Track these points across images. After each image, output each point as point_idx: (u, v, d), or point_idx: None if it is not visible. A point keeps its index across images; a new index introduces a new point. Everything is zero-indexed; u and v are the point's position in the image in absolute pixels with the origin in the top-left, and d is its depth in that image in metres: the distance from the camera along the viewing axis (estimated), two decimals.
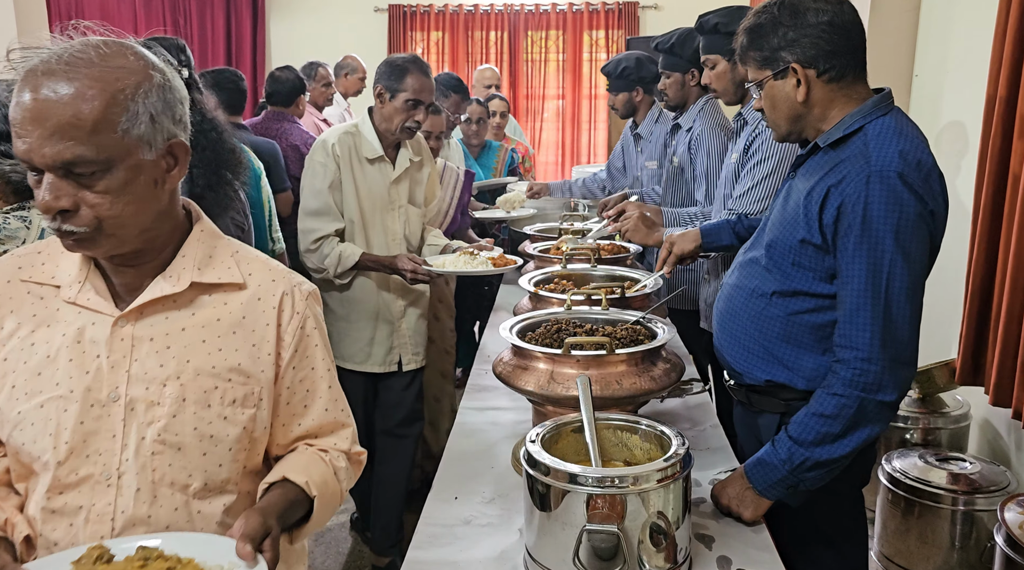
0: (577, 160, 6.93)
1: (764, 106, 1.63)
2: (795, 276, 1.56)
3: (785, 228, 1.57)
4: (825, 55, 1.53)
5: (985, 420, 3.16)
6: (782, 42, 1.54)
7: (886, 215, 1.41)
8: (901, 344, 1.44)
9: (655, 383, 1.60)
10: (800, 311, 1.57)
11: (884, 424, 1.49)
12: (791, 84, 1.56)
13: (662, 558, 1.25)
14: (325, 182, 2.58)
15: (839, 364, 1.48)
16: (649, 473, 1.23)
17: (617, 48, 6.62)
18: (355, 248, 2.62)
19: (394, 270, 2.62)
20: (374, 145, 2.63)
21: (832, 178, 1.49)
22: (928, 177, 1.45)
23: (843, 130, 1.53)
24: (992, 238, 2.82)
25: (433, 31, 6.96)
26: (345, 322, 2.72)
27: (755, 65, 1.60)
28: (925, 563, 2.78)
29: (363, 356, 2.74)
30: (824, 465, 1.47)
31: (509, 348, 1.72)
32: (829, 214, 1.47)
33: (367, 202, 2.66)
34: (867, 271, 1.43)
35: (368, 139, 2.63)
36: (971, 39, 3.28)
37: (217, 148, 1.95)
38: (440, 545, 1.44)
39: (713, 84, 2.55)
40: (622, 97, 3.50)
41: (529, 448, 1.31)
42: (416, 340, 2.81)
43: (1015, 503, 2.37)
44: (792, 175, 1.66)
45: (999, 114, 2.75)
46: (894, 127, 1.51)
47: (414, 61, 2.59)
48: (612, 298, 2.08)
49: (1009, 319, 2.66)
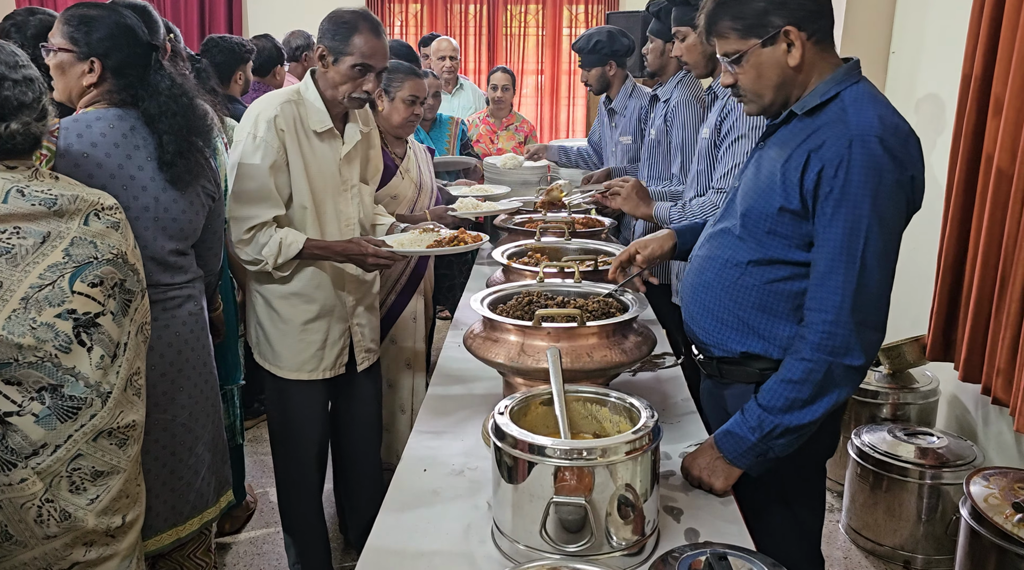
0: (556, 135, 6.89)
1: (746, 78, 1.55)
2: (770, 244, 1.55)
3: (760, 196, 1.55)
4: (813, 14, 1.49)
5: (953, 396, 3.21)
6: (769, 5, 1.48)
7: (865, 179, 1.41)
8: (870, 308, 1.45)
9: (626, 356, 1.59)
10: (776, 279, 1.56)
11: (852, 388, 1.50)
12: (781, 50, 1.50)
13: (629, 530, 1.25)
14: (266, 161, 2.13)
15: (807, 328, 1.48)
16: (617, 445, 1.22)
17: (597, 22, 6.56)
18: (298, 234, 2.19)
19: (347, 257, 2.22)
20: (322, 116, 2.21)
21: (811, 143, 1.47)
22: (906, 141, 1.45)
23: (820, 97, 1.51)
24: (965, 216, 2.84)
25: (411, 3, 6.85)
26: (291, 325, 2.30)
27: (735, 35, 1.52)
28: (892, 536, 2.82)
29: (315, 362, 2.34)
30: (793, 431, 1.48)
31: (480, 320, 1.71)
32: (810, 179, 1.46)
33: (317, 183, 2.24)
34: (843, 234, 1.43)
35: (316, 108, 2.21)
36: (948, 17, 3.28)
37: (187, 114, 1.90)
38: (408, 516, 1.43)
39: (684, 57, 2.55)
40: (595, 72, 3.45)
41: (498, 420, 1.30)
42: (371, 335, 2.48)
43: (980, 477, 2.41)
44: (762, 145, 1.64)
45: (974, 92, 2.75)
46: (870, 93, 1.50)
47: (364, 17, 2.16)
48: (585, 271, 2.06)
49: (980, 296, 2.69)
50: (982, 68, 2.71)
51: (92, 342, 1.48)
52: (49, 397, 1.44)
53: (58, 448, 1.44)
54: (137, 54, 1.86)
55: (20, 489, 1.41)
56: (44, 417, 1.43)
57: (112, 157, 1.81)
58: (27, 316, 1.40)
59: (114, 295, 1.53)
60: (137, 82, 1.87)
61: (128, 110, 1.87)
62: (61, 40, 1.82)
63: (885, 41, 3.80)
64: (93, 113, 1.83)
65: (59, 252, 1.45)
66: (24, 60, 1.48)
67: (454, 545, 1.35)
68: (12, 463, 1.40)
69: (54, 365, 1.43)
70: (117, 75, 1.85)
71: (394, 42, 3.36)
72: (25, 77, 1.46)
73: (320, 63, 2.19)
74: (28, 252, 1.42)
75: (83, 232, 1.49)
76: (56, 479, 1.45)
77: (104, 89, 1.86)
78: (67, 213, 1.47)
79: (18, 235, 1.41)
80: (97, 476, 1.51)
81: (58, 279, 1.44)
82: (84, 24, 1.81)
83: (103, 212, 1.53)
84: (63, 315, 1.44)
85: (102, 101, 1.86)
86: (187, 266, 2.01)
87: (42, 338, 1.41)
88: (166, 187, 1.89)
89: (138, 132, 1.87)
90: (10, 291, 1.39)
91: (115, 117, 1.84)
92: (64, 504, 1.46)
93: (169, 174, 1.89)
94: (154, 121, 1.87)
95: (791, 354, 1.50)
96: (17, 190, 1.42)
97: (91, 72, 1.83)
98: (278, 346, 2.33)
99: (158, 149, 1.87)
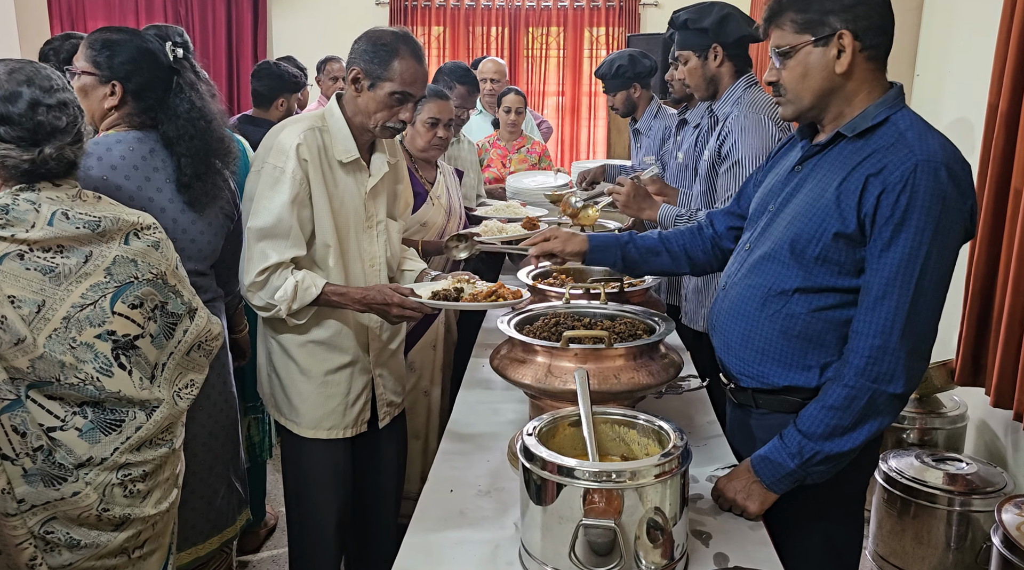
0: (577, 156, 6.92)
1: (791, 75, 1.50)
2: (819, 271, 1.50)
3: (811, 222, 1.49)
4: (875, 29, 1.45)
5: (982, 421, 3.16)
6: (835, 6, 1.44)
7: (930, 205, 1.37)
8: (920, 337, 1.42)
9: (653, 378, 1.58)
10: (823, 307, 1.50)
11: (893, 417, 1.46)
12: (831, 54, 1.46)
13: (659, 554, 1.24)
14: (289, 194, 1.90)
15: (851, 353, 1.44)
16: (647, 468, 1.21)
17: (618, 45, 6.60)
18: (316, 277, 1.96)
19: (367, 306, 1.97)
20: (348, 145, 1.99)
21: (869, 167, 1.43)
22: (967, 170, 1.42)
23: (871, 120, 1.47)
24: (994, 239, 2.81)
25: (434, 26, 6.94)
26: (311, 376, 2.07)
27: (792, 28, 1.47)
28: (920, 564, 2.77)
29: (336, 418, 2.10)
30: (833, 459, 1.45)
31: (507, 341, 1.71)
32: (868, 203, 1.41)
33: (340, 218, 2.01)
34: (902, 259, 1.39)
35: (342, 136, 1.99)
36: (973, 38, 3.27)
37: (206, 137, 1.93)
38: (435, 537, 1.42)
39: (687, 79, 2.56)
40: (620, 96, 3.47)
41: (526, 441, 1.30)
42: (394, 387, 2.24)
43: (1012, 504, 2.36)
44: (799, 169, 1.59)
45: (1002, 115, 2.73)
46: (922, 119, 1.46)
47: (405, 40, 1.95)
48: (611, 293, 2.06)
49: (1011, 320, 2.65)
50: (1010, 90, 2.69)
51: (131, 365, 1.50)
52: (91, 411, 1.46)
53: (104, 460, 1.46)
54: (158, 78, 1.90)
55: (74, 502, 1.42)
56: (88, 431, 1.45)
57: (131, 180, 1.84)
58: (68, 335, 1.42)
59: (155, 317, 1.55)
60: (157, 105, 1.90)
61: (148, 132, 1.90)
62: (84, 63, 1.86)
63: (909, 63, 3.78)
64: (113, 136, 1.86)
65: (101, 272, 1.47)
66: (60, 84, 1.49)
67: (481, 567, 1.34)
68: (62, 478, 1.41)
69: (96, 389, 1.45)
70: (137, 98, 1.88)
71: (450, 63, 3.37)
72: (60, 102, 1.47)
73: (352, 86, 1.96)
74: (71, 272, 1.44)
75: (124, 251, 1.51)
76: (108, 488, 1.47)
77: (125, 112, 1.89)
78: (109, 234, 1.50)
79: (61, 254, 1.44)
80: (147, 476, 1.53)
81: (100, 299, 1.46)
82: (107, 48, 1.85)
83: (143, 232, 1.56)
84: (103, 336, 1.46)
85: (122, 123, 1.90)
86: (207, 287, 2.03)
87: (81, 358, 1.43)
88: (184, 209, 1.92)
89: (157, 154, 1.89)
90: (52, 309, 1.41)
91: (135, 140, 1.87)
92: (121, 510, 1.48)
93: (187, 196, 1.91)
94: (172, 144, 1.90)
95: (833, 380, 1.47)
96: (62, 213, 1.44)
97: (112, 95, 1.86)
98: (296, 399, 2.09)
99: (176, 171, 1.90)
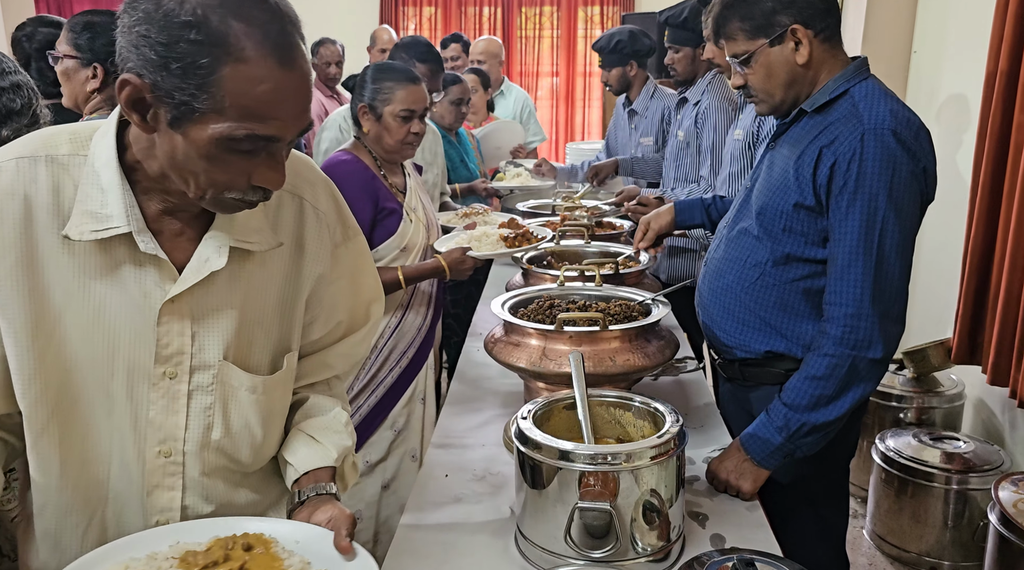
0: (571, 137, 6.88)
1: (756, 77, 1.59)
2: (787, 242, 1.56)
3: (774, 194, 1.57)
4: (820, 14, 1.53)
5: (979, 399, 3.15)
6: (777, 5, 1.52)
7: (880, 171, 1.42)
8: (890, 300, 1.46)
9: (649, 360, 1.57)
10: (795, 278, 1.57)
11: (875, 383, 1.51)
12: (789, 48, 1.54)
13: (655, 536, 1.23)
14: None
15: (828, 323, 1.49)
16: (642, 450, 1.20)
17: (612, 24, 6.54)
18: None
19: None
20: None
21: (823, 139, 1.49)
22: (918, 134, 1.47)
23: (829, 94, 1.54)
24: (991, 216, 2.79)
25: (426, 6, 6.87)
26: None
27: (744, 35, 1.56)
28: (918, 542, 2.78)
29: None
30: (820, 428, 1.49)
31: (501, 324, 1.69)
32: (822, 174, 1.48)
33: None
34: (860, 227, 1.44)
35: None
36: (970, 14, 3.23)
37: None
38: (431, 522, 1.41)
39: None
40: (616, 72, 3.43)
41: (521, 425, 1.28)
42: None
43: (1009, 482, 2.36)
44: (773, 145, 1.66)
45: (999, 90, 2.71)
46: (879, 88, 1.52)
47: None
48: (606, 275, 2.04)
49: (1008, 298, 2.64)
50: (1007, 65, 2.67)
51: None
52: None
53: None
54: None
55: None
56: None
57: None
58: None
59: None
60: None
61: None
62: (66, 47, 1.85)
63: (907, 40, 3.75)
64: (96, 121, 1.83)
65: None
66: (11, 67, 1.47)
67: (477, 551, 1.33)
68: None
69: None
70: None
71: (408, 38, 3.12)
72: (13, 84, 1.45)
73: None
74: None
75: None
76: None
77: (107, 94, 1.87)
78: None
79: None
80: None
81: None
82: (87, 30, 1.84)
83: None
84: None
85: (105, 107, 1.88)
86: None
87: None
88: None
89: None
90: None
91: None
92: None
93: None
94: None
95: (813, 350, 1.51)
96: None
97: (94, 78, 1.85)
98: None
99: None
